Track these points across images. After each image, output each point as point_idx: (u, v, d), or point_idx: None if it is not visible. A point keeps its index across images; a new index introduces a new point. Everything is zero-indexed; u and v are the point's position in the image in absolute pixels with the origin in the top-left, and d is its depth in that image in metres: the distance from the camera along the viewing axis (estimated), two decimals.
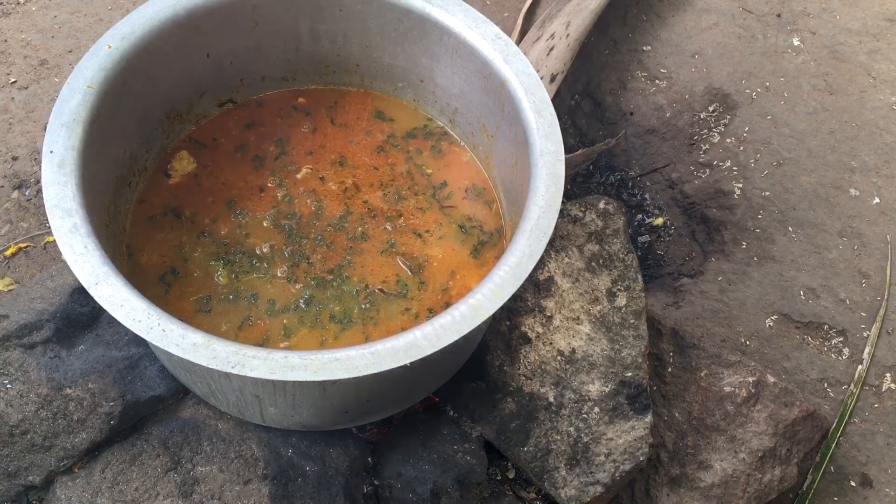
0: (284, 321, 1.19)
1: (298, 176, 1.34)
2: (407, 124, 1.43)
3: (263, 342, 1.17)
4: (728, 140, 1.98)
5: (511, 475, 1.35)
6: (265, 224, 1.28)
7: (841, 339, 1.72)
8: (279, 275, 1.23)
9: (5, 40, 1.91)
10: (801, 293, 1.77)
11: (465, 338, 0.99)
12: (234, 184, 1.32)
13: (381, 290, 1.23)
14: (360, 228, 1.29)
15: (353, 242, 1.28)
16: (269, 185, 1.33)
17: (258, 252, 1.25)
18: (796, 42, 2.16)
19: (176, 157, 1.33)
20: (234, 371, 0.93)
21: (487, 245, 1.30)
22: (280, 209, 1.30)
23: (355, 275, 1.24)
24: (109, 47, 1.15)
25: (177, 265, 1.23)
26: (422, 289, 1.24)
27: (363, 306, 1.21)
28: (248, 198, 1.31)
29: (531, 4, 2.16)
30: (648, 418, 1.30)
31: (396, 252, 1.27)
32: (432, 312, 1.21)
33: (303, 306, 1.20)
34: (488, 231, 1.31)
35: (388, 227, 1.30)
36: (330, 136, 1.40)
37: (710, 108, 2.03)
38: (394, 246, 1.28)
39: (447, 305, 1.21)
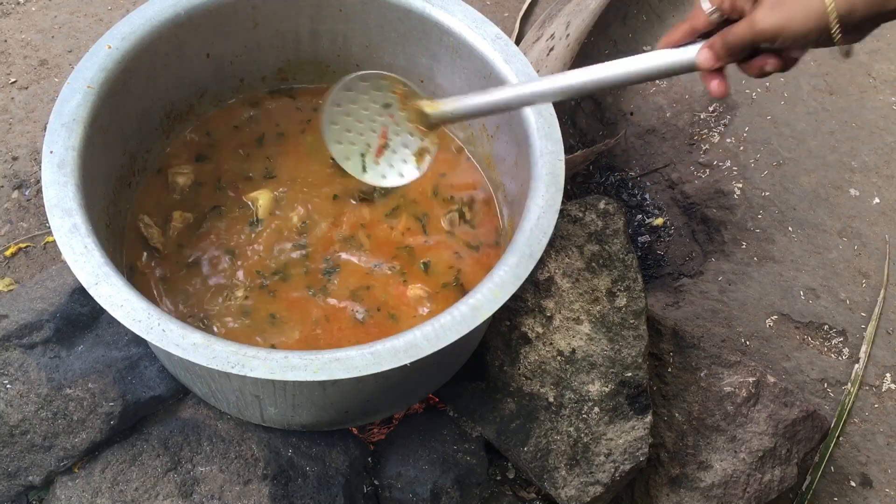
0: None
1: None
2: None
3: None
4: (728, 140, 1.98)
5: (511, 475, 1.35)
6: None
7: (841, 339, 1.72)
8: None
9: (5, 40, 1.91)
10: (801, 293, 1.77)
11: (465, 338, 0.99)
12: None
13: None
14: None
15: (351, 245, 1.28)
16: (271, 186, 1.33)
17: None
18: None
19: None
20: (234, 371, 0.93)
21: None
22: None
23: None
24: (109, 47, 1.15)
25: None
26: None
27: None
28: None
29: (528, 7, 2.16)
30: (648, 418, 1.30)
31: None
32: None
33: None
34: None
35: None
36: None
37: (710, 108, 2.03)
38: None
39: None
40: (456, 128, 1.41)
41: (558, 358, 1.33)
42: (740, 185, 1.91)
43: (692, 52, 0.89)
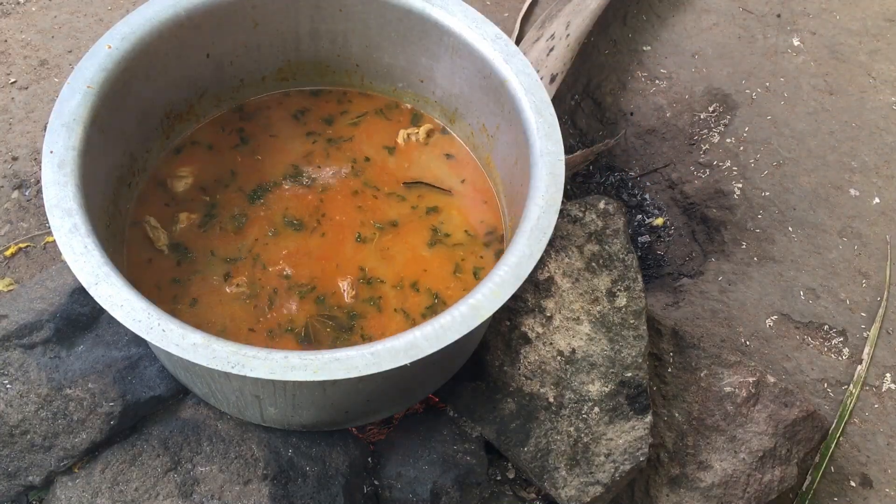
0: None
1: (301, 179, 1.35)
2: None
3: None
4: (728, 140, 1.98)
5: (511, 475, 1.35)
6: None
7: (841, 339, 1.72)
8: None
9: (5, 40, 1.91)
10: (801, 293, 1.77)
11: (465, 338, 0.99)
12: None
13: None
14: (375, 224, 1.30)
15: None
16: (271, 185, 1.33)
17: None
18: (796, 42, 2.16)
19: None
20: (234, 371, 0.93)
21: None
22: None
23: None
24: (109, 47, 1.15)
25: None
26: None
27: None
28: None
29: (528, 7, 2.16)
30: (648, 418, 1.30)
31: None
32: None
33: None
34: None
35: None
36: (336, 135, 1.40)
37: (710, 109, 2.03)
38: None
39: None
40: (457, 129, 1.41)
41: (558, 358, 1.33)
42: (740, 185, 1.91)
43: None
